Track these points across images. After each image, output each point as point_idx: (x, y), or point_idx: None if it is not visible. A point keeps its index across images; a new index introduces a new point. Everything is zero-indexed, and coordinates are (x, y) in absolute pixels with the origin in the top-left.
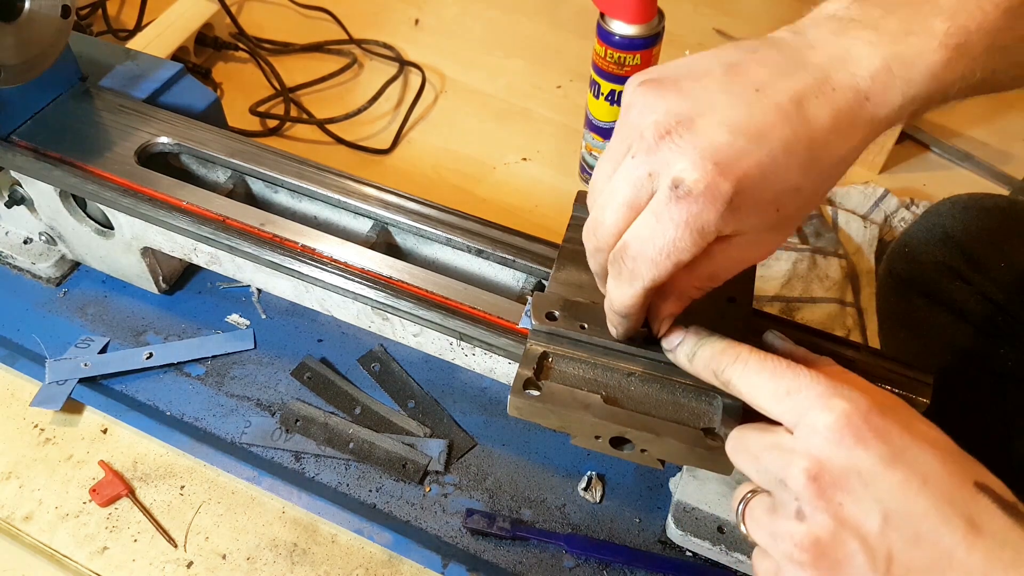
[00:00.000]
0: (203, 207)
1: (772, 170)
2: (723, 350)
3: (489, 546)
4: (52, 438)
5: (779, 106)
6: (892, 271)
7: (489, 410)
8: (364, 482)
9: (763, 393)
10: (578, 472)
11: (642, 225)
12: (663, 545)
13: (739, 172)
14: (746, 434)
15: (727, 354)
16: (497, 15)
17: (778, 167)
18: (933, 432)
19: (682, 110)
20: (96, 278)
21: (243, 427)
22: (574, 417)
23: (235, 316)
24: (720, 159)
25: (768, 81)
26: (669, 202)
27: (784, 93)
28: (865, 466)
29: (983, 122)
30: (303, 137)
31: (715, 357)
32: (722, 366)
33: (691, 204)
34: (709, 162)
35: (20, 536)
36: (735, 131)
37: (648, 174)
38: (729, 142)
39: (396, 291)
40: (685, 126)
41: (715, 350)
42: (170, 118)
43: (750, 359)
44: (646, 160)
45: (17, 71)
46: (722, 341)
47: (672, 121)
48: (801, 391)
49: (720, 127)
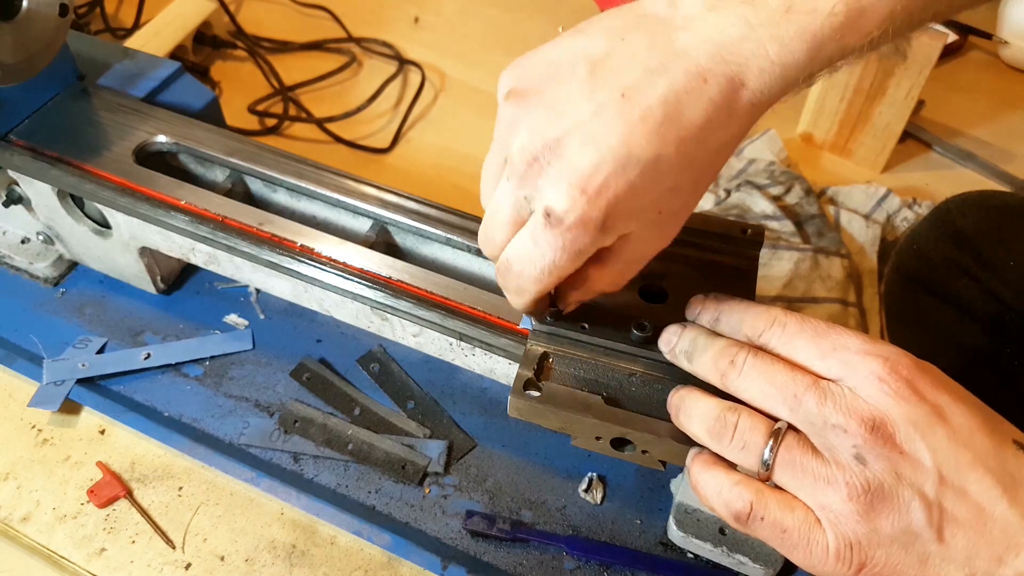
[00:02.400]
0: (201, 206)
1: (643, 184)
2: (725, 346)
3: (489, 548)
4: (50, 439)
5: (646, 115)
6: (900, 268)
7: (489, 411)
8: (363, 483)
9: (807, 351)
10: (579, 473)
11: (521, 246)
12: (664, 547)
13: (608, 196)
14: (772, 369)
15: (762, 319)
16: (497, 13)
17: (649, 178)
18: (967, 393)
19: (547, 131)
20: (94, 278)
21: (241, 428)
22: (575, 418)
23: (233, 316)
24: (588, 186)
25: (634, 83)
26: (544, 229)
27: (652, 96)
28: (919, 419)
29: (986, 121)
30: (302, 136)
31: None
32: (758, 330)
33: (564, 232)
34: (576, 190)
35: (18, 537)
36: (600, 152)
37: (524, 197)
38: (595, 165)
39: (395, 291)
40: (551, 150)
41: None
42: (168, 117)
43: (788, 321)
44: (519, 185)
45: (14, 70)
46: (722, 340)
47: (538, 146)
48: (849, 348)
49: (585, 148)
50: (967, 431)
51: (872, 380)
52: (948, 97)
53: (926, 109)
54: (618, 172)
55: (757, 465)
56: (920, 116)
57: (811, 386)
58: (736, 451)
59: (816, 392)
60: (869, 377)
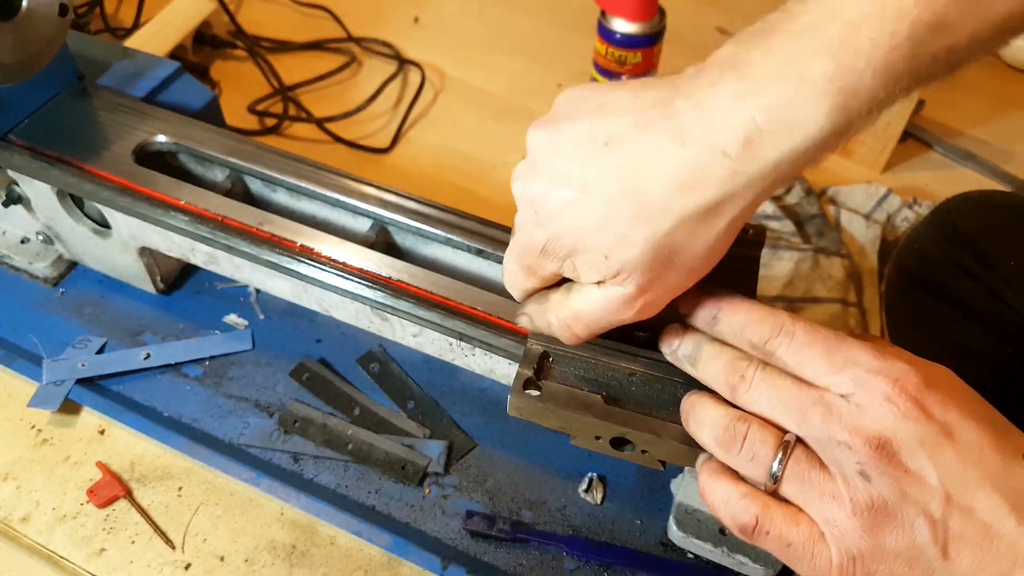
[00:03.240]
0: (201, 206)
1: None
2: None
3: (489, 548)
4: (49, 439)
5: (620, 165)
6: (901, 268)
7: (489, 411)
8: (363, 484)
9: (816, 366)
10: (579, 473)
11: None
12: (664, 547)
13: (557, 222)
14: (780, 383)
15: (767, 325)
16: (497, 13)
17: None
18: (979, 405)
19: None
20: (93, 278)
21: (241, 428)
22: (574, 417)
23: (233, 316)
24: (541, 208)
25: (621, 134)
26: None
27: (632, 151)
28: (926, 438)
29: (986, 121)
30: (302, 136)
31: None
32: (763, 337)
33: (514, 247)
34: (529, 208)
35: (17, 537)
36: (564, 180)
37: None
38: (552, 189)
39: (395, 291)
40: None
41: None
42: (168, 117)
43: (796, 330)
44: None
45: (14, 70)
46: (729, 351)
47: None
48: (859, 364)
49: (551, 173)
50: (975, 449)
51: (879, 399)
52: (948, 97)
53: (926, 109)
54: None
55: (765, 477)
56: (920, 116)
57: (817, 401)
58: (744, 462)
59: (822, 408)
60: (877, 396)
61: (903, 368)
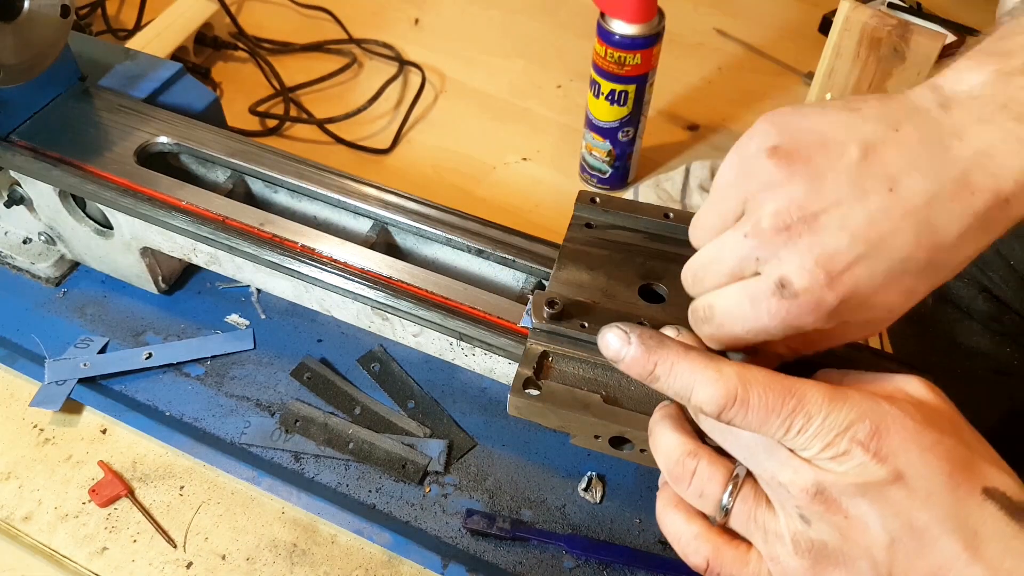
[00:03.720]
0: (202, 207)
1: (885, 281)
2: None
3: (489, 547)
4: (51, 438)
5: (909, 213)
6: None
7: (489, 410)
8: (364, 482)
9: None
10: (578, 472)
11: (736, 302)
12: (663, 546)
13: (849, 284)
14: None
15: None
16: (497, 15)
17: (893, 278)
18: (946, 436)
19: (806, 202)
20: (95, 278)
21: (242, 427)
22: (574, 416)
23: (234, 316)
24: (833, 268)
25: (903, 179)
26: (771, 295)
27: (919, 196)
28: (870, 485)
29: None
30: (303, 137)
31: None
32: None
33: (791, 306)
34: (821, 271)
35: (19, 536)
36: (856, 238)
37: (756, 258)
38: (847, 250)
39: (396, 291)
40: (806, 223)
41: None
42: (169, 118)
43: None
44: (758, 246)
45: (16, 71)
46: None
47: (794, 216)
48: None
49: (841, 231)
50: (925, 492)
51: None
52: None
53: None
54: (868, 262)
55: (714, 512)
56: None
57: (763, 442)
58: (694, 498)
59: (766, 448)
60: (822, 446)
61: (851, 417)
